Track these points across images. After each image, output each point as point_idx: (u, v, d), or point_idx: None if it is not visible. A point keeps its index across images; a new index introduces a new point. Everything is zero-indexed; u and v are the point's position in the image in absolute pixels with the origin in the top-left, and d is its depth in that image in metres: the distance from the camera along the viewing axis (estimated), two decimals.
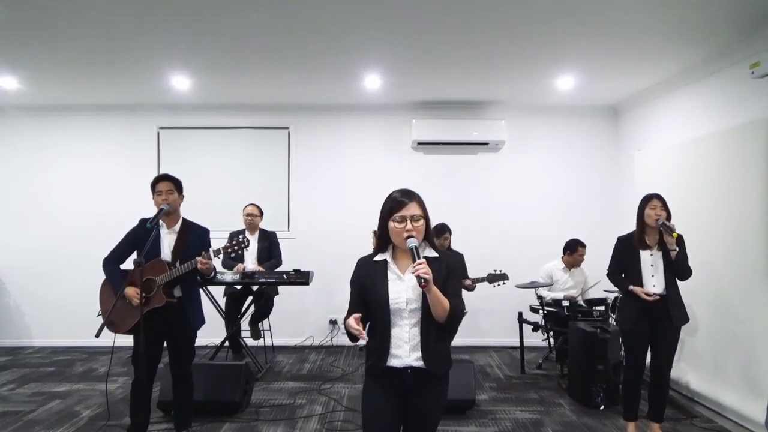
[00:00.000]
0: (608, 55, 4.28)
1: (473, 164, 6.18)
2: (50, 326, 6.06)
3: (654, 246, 3.39)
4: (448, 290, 1.94)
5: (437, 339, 1.96)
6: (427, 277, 1.79)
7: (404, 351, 1.94)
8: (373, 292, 1.98)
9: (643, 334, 3.37)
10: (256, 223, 5.20)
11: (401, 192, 1.99)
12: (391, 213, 1.96)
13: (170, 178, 3.28)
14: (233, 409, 3.87)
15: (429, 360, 1.93)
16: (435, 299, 1.87)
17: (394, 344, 1.96)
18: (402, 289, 1.96)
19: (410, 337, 1.94)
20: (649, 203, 3.35)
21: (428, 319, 1.93)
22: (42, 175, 6.16)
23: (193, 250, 3.21)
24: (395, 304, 1.94)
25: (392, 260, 2.02)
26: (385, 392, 1.99)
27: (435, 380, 1.98)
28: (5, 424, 3.74)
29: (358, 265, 2.09)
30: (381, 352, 1.96)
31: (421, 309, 1.94)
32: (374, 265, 2.04)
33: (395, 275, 1.99)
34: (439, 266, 1.97)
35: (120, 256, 3.27)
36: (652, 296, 3.30)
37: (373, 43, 4.11)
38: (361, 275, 2.05)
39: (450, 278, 1.98)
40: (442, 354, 1.99)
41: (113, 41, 4.01)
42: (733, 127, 3.89)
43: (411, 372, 1.94)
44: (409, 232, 1.92)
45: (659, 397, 3.44)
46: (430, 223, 2.04)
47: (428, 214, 2.02)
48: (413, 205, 1.96)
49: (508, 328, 5.53)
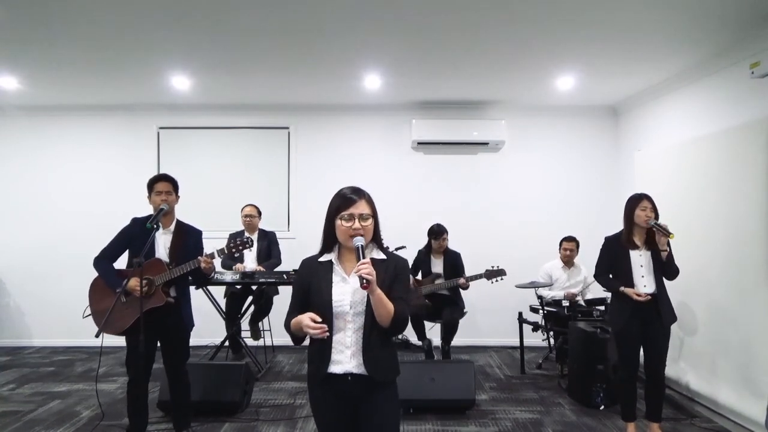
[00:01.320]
0: (608, 55, 4.28)
1: (473, 164, 6.18)
2: (50, 326, 6.06)
3: (642, 246, 3.39)
4: (394, 293, 1.85)
5: (381, 344, 1.86)
6: (369, 277, 1.71)
7: (345, 356, 1.85)
8: (316, 295, 1.88)
9: (635, 333, 3.38)
10: (255, 223, 5.19)
11: (350, 189, 1.92)
12: (339, 211, 1.87)
13: (169, 179, 3.28)
14: (233, 409, 3.87)
15: (370, 366, 1.83)
16: (378, 302, 1.78)
17: (335, 349, 1.86)
18: (346, 291, 1.86)
19: (352, 342, 1.85)
20: (639, 204, 3.35)
21: (372, 324, 1.83)
22: (42, 175, 6.16)
23: (189, 251, 3.21)
24: (338, 306, 1.85)
25: (338, 261, 1.93)
26: (333, 402, 1.89)
27: (380, 389, 1.88)
28: (5, 424, 3.74)
29: (301, 265, 1.99)
30: (322, 358, 1.87)
31: (365, 313, 1.84)
32: (319, 265, 1.95)
33: (340, 277, 1.90)
34: (386, 269, 1.89)
35: (112, 255, 3.25)
36: (644, 296, 3.31)
37: (373, 43, 4.11)
38: (305, 276, 1.95)
39: (397, 281, 1.89)
40: (385, 360, 1.89)
41: (113, 41, 4.01)
42: (733, 127, 3.89)
43: (352, 379, 1.84)
44: (356, 231, 1.84)
45: (656, 397, 3.44)
46: (379, 224, 1.95)
47: (377, 213, 1.93)
48: (362, 203, 1.88)
49: (508, 328, 5.52)
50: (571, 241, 5.21)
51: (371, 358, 1.84)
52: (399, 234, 5.06)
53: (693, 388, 4.08)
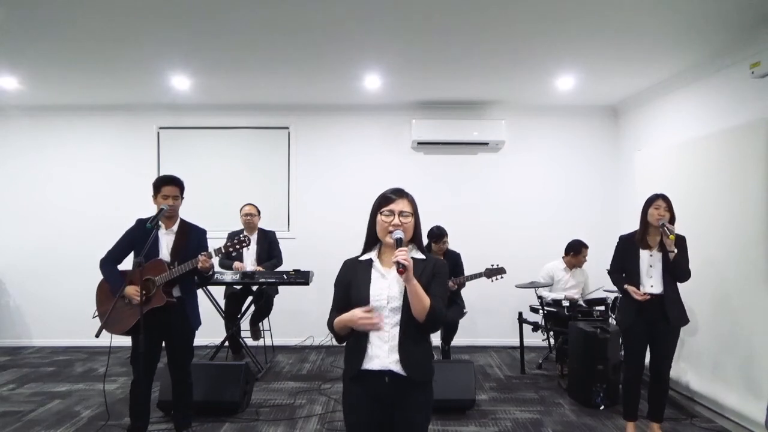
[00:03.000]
0: (608, 55, 4.28)
1: (473, 164, 6.18)
2: (50, 326, 6.06)
3: (655, 246, 3.39)
4: (431, 291, 1.88)
5: (417, 341, 1.90)
6: (405, 263, 1.74)
7: (383, 351, 1.87)
8: (355, 291, 1.93)
9: (641, 333, 3.38)
10: (255, 222, 5.19)
11: (393, 189, 1.99)
12: (380, 207, 1.94)
13: (178, 183, 3.27)
14: (233, 409, 3.87)
15: (407, 363, 1.85)
16: (414, 293, 1.81)
17: (373, 344, 1.88)
18: (384, 286, 1.91)
19: (389, 337, 1.87)
20: (653, 203, 3.36)
21: (409, 319, 1.87)
22: (42, 175, 6.16)
23: (192, 250, 3.21)
24: (376, 301, 1.89)
25: (378, 259, 1.98)
26: (366, 401, 1.91)
27: (416, 389, 1.89)
28: (5, 424, 3.74)
29: (343, 266, 2.04)
30: (359, 353, 1.90)
31: (402, 308, 1.88)
32: (359, 264, 2.00)
33: (379, 273, 1.94)
34: (425, 268, 1.93)
35: (117, 256, 3.25)
36: (644, 296, 3.32)
37: (373, 43, 4.11)
38: (346, 275, 2.00)
39: (435, 280, 1.93)
40: (422, 358, 1.92)
41: (113, 41, 4.01)
42: (733, 127, 3.89)
43: (389, 380, 1.86)
44: (395, 226, 1.89)
45: (659, 397, 3.44)
46: (420, 226, 2.00)
47: (419, 216, 1.99)
48: (403, 201, 1.95)
49: (508, 328, 5.53)
50: (587, 248, 5.12)
51: (407, 355, 1.87)
52: None
53: (693, 388, 4.08)
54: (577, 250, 5.13)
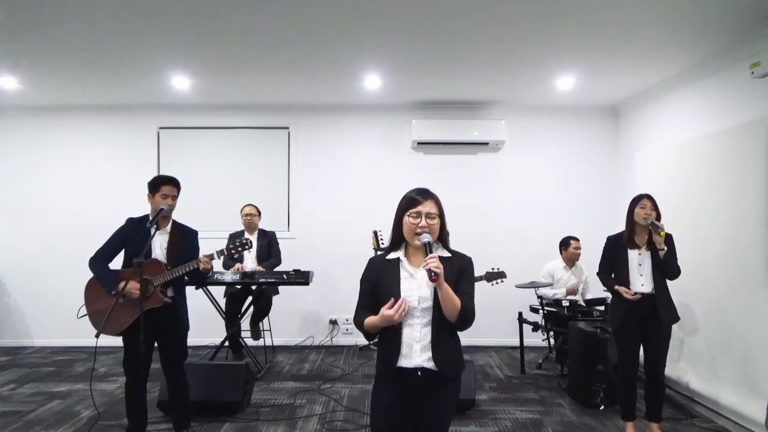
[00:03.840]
0: (608, 55, 4.28)
1: (473, 164, 6.18)
2: (50, 326, 6.06)
3: (643, 245, 3.42)
4: (460, 289, 1.93)
5: (448, 339, 1.95)
6: (438, 271, 1.78)
7: (415, 351, 1.92)
8: (385, 291, 1.95)
9: (633, 332, 3.39)
10: (255, 223, 5.20)
11: (419, 190, 2.01)
12: (407, 209, 1.97)
13: (176, 183, 3.27)
14: (233, 409, 3.87)
15: (440, 361, 1.91)
16: (446, 296, 1.85)
17: (405, 344, 1.93)
18: (414, 287, 1.94)
19: (421, 337, 1.92)
20: (639, 203, 3.39)
21: (440, 319, 1.91)
22: (42, 175, 6.16)
23: (185, 251, 3.22)
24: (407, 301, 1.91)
25: (405, 258, 2.00)
26: (396, 396, 1.96)
27: (446, 383, 1.96)
28: (5, 424, 3.74)
29: (369, 264, 2.07)
30: (392, 353, 1.94)
31: (432, 308, 1.91)
32: (387, 263, 2.02)
33: (407, 273, 1.97)
34: (452, 266, 1.96)
35: (108, 255, 3.23)
36: (635, 295, 3.33)
37: (373, 43, 4.11)
38: (373, 274, 2.03)
39: (463, 278, 1.97)
40: (453, 355, 1.98)
41: (113, 41, 4.01)
42: (733, 127, 3.89)
43: (421, 375, 1.92)
44: (423, 228, 1.92)
45: (655, 397, 3.44)
46: (446, 225, 2.03)
47: (444, 215, 2.02)
48: (429, 203, 1.98)
49: (508, 328, 5.53)
50: (578, 240, 5.19)
51: (440, 353, 1.92)
52: None
53: (693, 388, 4.08)
54: (566, 243, 5.19)
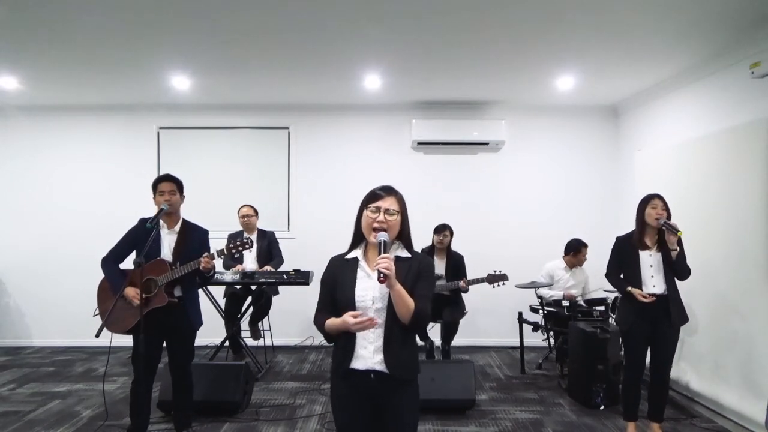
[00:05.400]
0: (608, 55, 4.28)
1: (473, 164, 6.18)
2: (50, 326, 6.06)
3: (653, 246, 3.38)
4: (417, 291, 1.88)
5: (403, 342, 1.89)
6: (386, 271, 1.73)
7: (368, 352, 1.87)
8: (340, 291, 1.92)
9: (642, 334, 3.37)
10: (253, 223, 5.18)
11: (382, 186, 1.97)
12: (367, 203, 1.93)
13: (173, 179, 3.27)
14: (233, 409, 3.87)
15: (392, 364, 1.86)
16: (398, 297, 1.80)
17: (359, 344, 1.88)
18: (369, 287, 1.89)
19: (374, 338, 1.87)
20: (650, 203, 3.35)
21: (393, 320, 1.86)
22: (42, 175, 6.16)
23: (194, 251, 3.21)
24: (361, 302, 1.87)
25: (363, 258, 1.96)
26: (354, 398, 1.92)
27: (402, 387, 1.91)
28: (5, 424, 3.74)
29: (329, 264, 2.03)
30: (345, 353, 1.90)
31: (386, 309, 1.87)
32: (345, 263, 1.98)
33: (364, 273, 1.93)
34: (410, 267, 1.92)
35: (119, 255, 3.26)
36: (649, 298, 3.29)
37: (373, 43, 4.11)
38: (331, 273, 1.99)
39: (421, 279, 1.91)
40: (406, 358, 1.91)
41: (113, 41, 4.01)
42: (733, 127, 3.89)
43: (374, 377, 1.87)
44: (380, 223, 1.87)
45: (659, 398, 3.44)
46: (408, 224, 1.98)
47: (407, 214, 1.97)
48: (391, 199, 1.92)
49: (508, 328, 5.53)
50: (587, 247, 5.12)
51: (392, 355, 1.87)
52: None
53: (693, 388, 4.08)
54: (576, 249, 5.12)
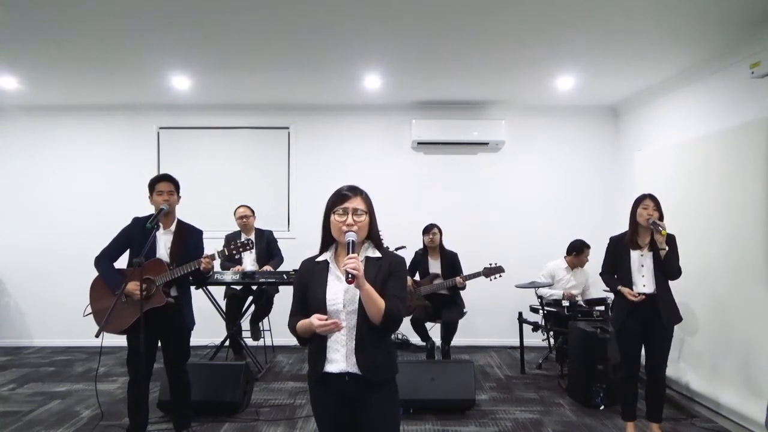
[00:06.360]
0: (608, 55, 4.28)
1: (473, 164, 6.18)
2: (50, 326, 6.06)
3: (645, 246, 3.41)
4: (388, 290, 1.86)
5: (376, 343, 1.86)
6: (353, 272, 1.70)
7: (341, 355, 1.85)
8: (311, 294, 1.90)
9: (634, 333, 3.39)
10: (251, 223, 5.17)
11: (347, 186, 1.94)
12: (334, 206, 1.90)
13: (171, 179, 3.28)
14: (233, 409, 3.87)
15: (365, 365, 1.83)
16: (367, 297, 1.77)
17: (331, 348, 1.86)
18: (340, 290, 1.86)
19: (347, 340, 1.85)
20: (641, 203, 3.38)
21: (364, 322, 1.83)
22: (42, 175, 6.16)
23: (190, 251, 3.22)
24: (332, 305, 1.85)
25: (333, 260, 1.93)
26: (331, 400, 1.90)
27: (378, 388, 1.87)
28: (5, 424, 3.74)
29: (300, 267, 2.00)
30: (319, 357, 1.88)
31: (358, 311, 1.84)
32: (316, 265, 1.96)
33: (335, 276, 1.90)
34: (380, 266, 1.89)
35: (113, 254, 3.25)
36: (638, 296, 3.33)
37: (373, 43, 4.11)
38: (303, 277, 1.97)
39: (392, 279, 1.89)
40: (381, 359, 1.87)
41: (113, 41, 4.01)
42: (733, 127, 3.88)
43: (349, 379, 1.85)
44: (349, 226, 1.84)
45: (656, 397, 3.44)
46: (376, 223, 1.96)
47: (374, 212, 1.95)
48: (357, 199, 1.90)
49: (508, 328, 5.52)
50: (590, 248, 5.12)
51: (365, 357, 1.84)
52: (399, 234, 5.05)
53: (693, 388, 4.08)
54: (579, 250, 5.13)
